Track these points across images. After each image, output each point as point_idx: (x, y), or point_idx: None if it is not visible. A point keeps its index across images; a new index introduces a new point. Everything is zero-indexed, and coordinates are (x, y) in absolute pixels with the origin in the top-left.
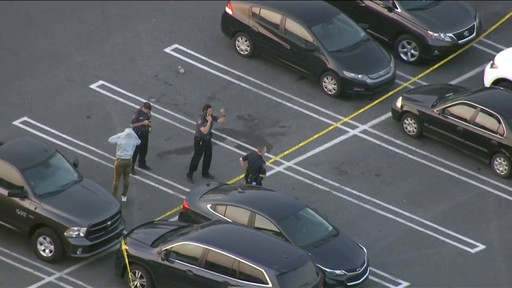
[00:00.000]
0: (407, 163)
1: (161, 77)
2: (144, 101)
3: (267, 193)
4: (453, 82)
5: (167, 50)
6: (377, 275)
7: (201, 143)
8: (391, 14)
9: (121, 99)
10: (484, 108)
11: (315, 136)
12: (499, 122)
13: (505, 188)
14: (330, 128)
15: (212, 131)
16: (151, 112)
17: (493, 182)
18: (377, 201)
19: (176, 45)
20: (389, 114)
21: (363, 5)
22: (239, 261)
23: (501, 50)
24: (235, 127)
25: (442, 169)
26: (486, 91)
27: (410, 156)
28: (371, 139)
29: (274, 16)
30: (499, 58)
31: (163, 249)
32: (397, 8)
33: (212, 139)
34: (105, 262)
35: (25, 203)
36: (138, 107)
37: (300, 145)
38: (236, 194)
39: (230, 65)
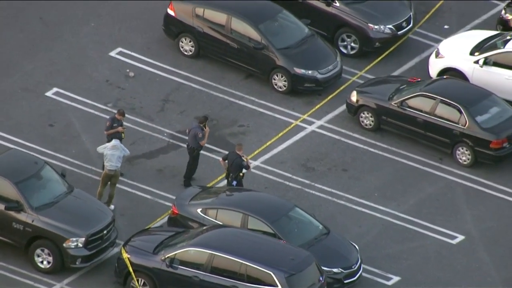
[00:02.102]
0: (370, 157)
1: (112, 81)
2: (103, 107)
3: (256, 194)
4: (395, 73)
5: (112, 54)
6: (367, 271)
7: (195, 152)
8: (329, 9)
9: (79, 105)
10: (444, 99)
11: (280, 135)
12: (460, 112)
13: (471, 178)
14: (292, 126)
15: (176, 133)
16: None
17: (457, 172)
18: (350, 197)
19: (120, 49)
20: (341, 108)
21: (301, 0)
22: (246, 265)
23: (433, 39)
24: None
25: (405, 161)
26: (442, 82)
27: (372, 149)
28: (330, 134)
29: (219, 16)
30: (444, 47)
31: (167, 256)
32: (335, 2)
33: (175, 142)
34: (102, 271)
35: (22, 216)
36: (97, 113)
37: (268, 144)
38: (225, 197)
39: (176, 66)
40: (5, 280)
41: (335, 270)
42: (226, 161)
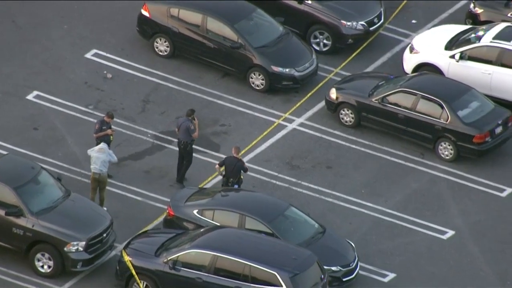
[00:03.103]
0: (353, 154)
1: (91, 83)
2: (84, 109)
3: (252, 194)
4: (368, 69)
5: (88, 56)
6: (362, 268)
7: (188, 147)
8: (301, 6)
9: (61, 108)
10: (425, 94)
11: (264, 133)
12: (442, 107)
13: (454, 172)
14: (275, 125)
15: (159, 134)
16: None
17: (440, 167)
18: (338, 194)
19: (95, 50)
20: (320, 105)
21: None
22: (250, 265)
23: (402, 33)
24: None
25: (387, 157)
26: (422, 77)
27: (354, 146)
28: (311, 131)
29: (194, 17)
30: (418, 42)
31: (169, 258)
32: (308, 0)
33: (160, 143)
34: (102, 274)
35: (22, 221)
36: (78, 115)
37: (253, 143)
38: (220, 197)
39: (152, 66)
40: (7, 286)
41: (333, 268)
42: (223, 166)
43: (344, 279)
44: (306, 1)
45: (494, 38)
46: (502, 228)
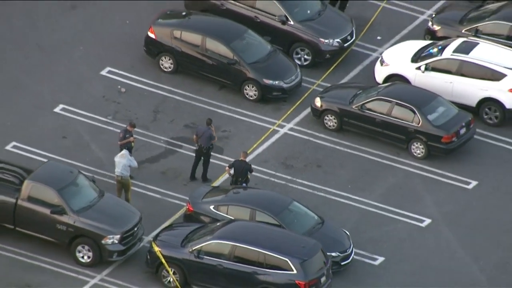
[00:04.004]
0: (337, 154)
1: (108, 97)
2: (104, 119)
3: (259, 191)
4: (344, 80)
5: (103, 73)
6: (356, 253)
7: (209, 151)
8: (284, 27)
9: (84, 119)
10: (399, 101)
11: (262, 138)
12: (414, 112)
13: (426, 168)
14: (271, 130)
15: (170, 140)
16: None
17: (413, 163)
18: (328, 189)
19: (109, 68)
20: (305, 112)
21: (259, 21)
22: (264, 253)
23: (370, 48)
24: (186, 135)
25: (367, 156)
26: (396, 87)
27: (338, 147)
28: (300, 135)
29: (195, 38)
30: (388, 56)
31: (194, 248)
32: (290, 21)
33: (171, 147)
34: (133, 262)
35: (64, 219)
36: (99, 124)
37: (254, 146)
38: (233, 194)
39: (159, 81)
40: (53, 274)
41: (333, 254)
42: (233, 168)
43: (342, 263)
44: (289, 22)
45: (454, 51)
46: (471, 216)
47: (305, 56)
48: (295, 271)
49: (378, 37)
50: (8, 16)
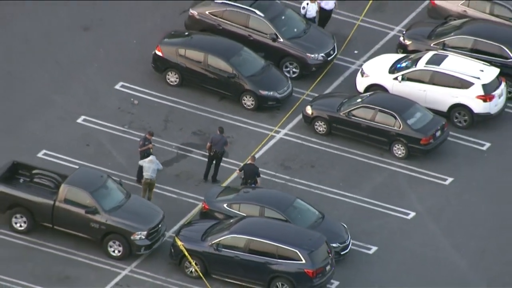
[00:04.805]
0: (329, 156)
1: (123, 108)
2: (121, 128)
3: (266, 191)
4: (328, 90)
5: (117, 87)
6: (352, 244)
7: (222, 156)
8: (275, 44)
9: (104, 128)
10: (381, 108)
11: (262, 142)
12: (395, 118)
13: (407, 167)
14: (269, 135)
15: (180, 145)
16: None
17: (396, 163)
18: (323, 187)
19: (121, 83)
20: (297, 119)
21: (252, 39)
22: (276, 245)
23: (349, 61)
24: (194, 141)
25: (355, 157)
26: (378, 95)
27: (328, 150)
28: (294, 139)
29: (197, 55)
30: (367, 68)
31: (213, 242)
32: (280, 38)
33: (182, 152)
34: (158, 255)
35: (97, 218)
36: (117, 133)
37: (256, 150)
38: (243, 194)
39: (166, 93)
40: (89, 267)
41: (334, 245)
42: (242, 171)
43: (341, 253)
44: (279, 40)
45: (427, 63)
46: (450, 209)
47: (294, 69)
48: (304, 261)
49: (355, 51)
50: (28, 37)
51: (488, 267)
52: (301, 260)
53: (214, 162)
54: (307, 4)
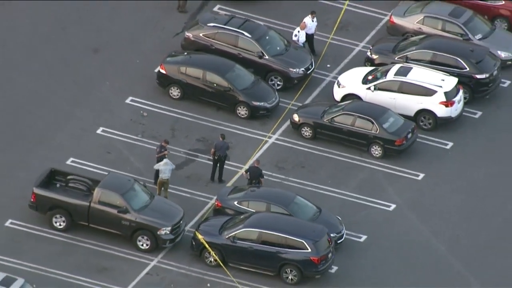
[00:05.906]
0: (316, 157)
1: (134, 120)
2: (136, 137)
3: (270, 189)
4: (308, 100)
5: (127, 101)
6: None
7: (225, 159)
8: (261, 60)
9: (120, 138)
10: (360, 114)
11: (259, 147)
12: (372, 123)
13: (384, 165)
14: (264, 141)
15: (188, 151)
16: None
17: (374, 162)
18: (314, 184)
19: (131, 97)
20: (285, 126)
21: (241, 56)
22: (285, 237)
23: (323, 74)
24: (199, 147)
25: (338, 158)
26: (356, 103)
27: (315, 152)
28: (284, 143)
29: (197, 72)
30: (343, 79)
31: (229, 235)
32: (265, 56)
33: (190, 157)
34: (180, 248)
35: (128, 216)
36: (132, 141)
37: (254, 153)
38: (250, 192)
39: (170, 106)
40: (122, 259)
41: (331, 235)
42: (248, 173)
43: (338, 242)
44: (264, 57)
45: (395, 74)
46: (424, 202)
47: (278, 82)
48: (309, 250)
49: (328, 65)
50: (47, 61)
51: (464, 250)
52: (307, 249)
53: (218, 165)
54: (298, 31)
